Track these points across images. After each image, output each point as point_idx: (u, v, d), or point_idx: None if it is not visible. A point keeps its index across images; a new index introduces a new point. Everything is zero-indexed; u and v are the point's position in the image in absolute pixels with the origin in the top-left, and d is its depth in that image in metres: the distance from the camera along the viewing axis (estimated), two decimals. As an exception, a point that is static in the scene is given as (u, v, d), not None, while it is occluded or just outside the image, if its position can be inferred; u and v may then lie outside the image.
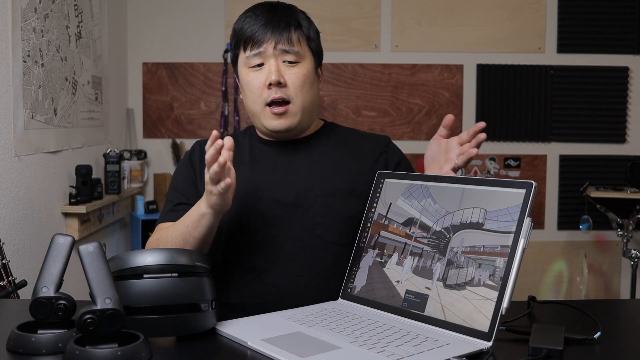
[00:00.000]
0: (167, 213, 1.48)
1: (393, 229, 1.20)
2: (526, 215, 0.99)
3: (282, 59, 1.41)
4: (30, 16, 2.25)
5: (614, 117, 3.63)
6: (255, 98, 1.42)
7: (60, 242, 0.98)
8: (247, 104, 1.45)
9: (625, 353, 1.01)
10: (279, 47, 1.40)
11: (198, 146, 1.54)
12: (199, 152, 1.52)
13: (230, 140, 1.21)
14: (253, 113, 1.45)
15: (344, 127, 1.59)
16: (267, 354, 0.93)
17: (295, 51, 1.41)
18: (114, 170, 2.96)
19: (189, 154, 1.54)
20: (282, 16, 1.43)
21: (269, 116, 1.41)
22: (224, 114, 3.61)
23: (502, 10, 3.61)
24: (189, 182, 1.49)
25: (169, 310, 0.98)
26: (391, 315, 1.11)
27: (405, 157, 1.56)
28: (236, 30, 1.45)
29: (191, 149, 1.55)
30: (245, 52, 1.42)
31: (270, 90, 1.39)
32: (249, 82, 1.42)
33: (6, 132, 2.09)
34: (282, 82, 1.39)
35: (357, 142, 1.53)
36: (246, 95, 1.45)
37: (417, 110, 3.65)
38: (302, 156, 1.47)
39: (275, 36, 1.39)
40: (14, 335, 0.95)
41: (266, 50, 1.40)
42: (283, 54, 1.40)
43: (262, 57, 1.40)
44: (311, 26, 1.47)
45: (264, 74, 1.40)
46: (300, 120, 1.43)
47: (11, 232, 2.12)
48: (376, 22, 3.61)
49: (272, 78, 1.38)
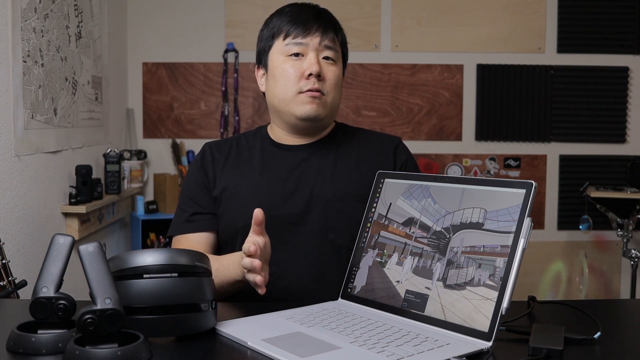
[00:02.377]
0: (182, 224, 1.47)
1: (393, 229, 1.20)
2: (526, 215, 0.99)
3: (323, 55, 1.43)
4: (30, 16, 2.25)
5: (614, 117, 3.63)
6: (290, 85, 1.42)
7: (60, 242, 0.98)
8: (277, 91, 1.44)
9: (625, 353, 1.01)
10: (324, 43, 1.42)
11: (208, 148, 1.53)
12: (210, 155, 1.51)
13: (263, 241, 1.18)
14: (282, 100, 1.44)
15: (355, 128, 1.59)
16: (267, 354, 0.93)
17: (336, 50, 1.45)
18: (114, 170, 2.96)
19: (199, 159, 1.53)
20: (326, 17, 1.47)
21: (303, 100, 1.41)
22: (224, 114, 3.61)
23: (502, 10, 3.61)
24: (202, 189, 1.49)
25: (169, 310, 0.98)
26: (391, 315, 1.11)
27: (412, 159, 1.56)
28: (275, 22, 1.46)
29: (201, 153, 1.54)
30: (285, 40, 1.43)
31: (308, 80, 1.40)
32: (285, 69, 1.42)
33: (6, 132, 2.09)
34: (321, 76, 1.41)
35: (368, 143, 1.53)
36: (277, 83, 1.44)
37: (417, 110, 3.65)
38: (314, 161, 1.47)
39: (321, 32, 1.42)
40: (14, 335, 0.95)
41: (310, 42, 1.42)
42: (325, 50, 1.43)
43: (304, 47, 1.42)
44: (344, 34, 1.52)
45: (304, 63, 1.41)
46: (327, 115, 1.46)
47: (11, 232, 2.12)
48: (376, 22, 3.61)
49: (314, 69, 1.40)
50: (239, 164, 1.49)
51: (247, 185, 1.45)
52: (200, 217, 1.44)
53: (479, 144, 3.65)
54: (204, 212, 1.46)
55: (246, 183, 1.45)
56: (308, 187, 1.43)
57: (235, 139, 1.55)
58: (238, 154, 1.51)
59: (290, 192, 1.43)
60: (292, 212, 1.40)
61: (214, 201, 1.48)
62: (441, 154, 3.65)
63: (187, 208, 1.48)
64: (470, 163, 3.66)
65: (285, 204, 1.41)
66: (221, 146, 1.53)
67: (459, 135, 3.65)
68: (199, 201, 1.47)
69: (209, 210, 1.47)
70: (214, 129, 3.63)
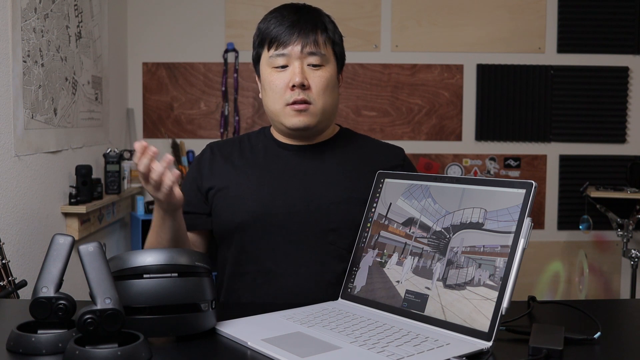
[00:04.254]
0: None
1: (393, 229, 1.20)
2: (526, 215, 0.99)
3: (307, 61, 1.41)
4: (30, 16, 2.25)
5: (614, 117, 3.62)
6: (277, 98, 1.41)
7: (60, 242, 0.98)
8: (267, 103, 1.45)
9: (625, 353, 1.01)
10: (306, 50, 1.40)
11: (209, 148, 1.54)
12: (209, 154, 1.52)
13: (153, 148, 1.21)
14: (273, 112, 1.44)
15: (360, 135, 1.59)
16: (267, 354, 0.93)
17: (321, 54, 1.42)
18: (114, 170, 2.96)
19: (199, 158, 1.54)
20: (309, 18, 1.43)
21: (289, 114, 1.41)
22: (224, 114, 3.61)
23: (502, 10, 3.61)
24: (194, 188, 1.49)
25: (169, 310, 0.98)
26: (391, 315, 1.11)
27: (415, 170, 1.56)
28: (261, 30, 1.45)
29: (202, 151, 1.55)
30: (269, 52, 1.42)
31: (293, 91, 1.39)
32: (272, 82, 1.42)
33: (6, 132, 2.09)
34: (305, 85, 1.39)
35: (373, 151, 1.53)
36: (267, 95, 1.45)
37: (417, 110, 3.65)
38: (317, 162, 1.47)
39: (302, 38, 1.40)
40: (14, 335, 0.95)
41: (292, 52, 1.40)
42: (309, 56, 1.40)
43: (287, 58, 1.40)
44: (336, 30, 1.48)
45: (288, 75, 1.40)
46: (319, 122, 1.44)
47: (11, 232, 2.12)
48: (376, 22, 3.61)
49: (296, 80, 1.38)
50: (241, 163, 1.49)
51: (247, 183, 1.45)
52: (188, 216, 1.45)
53: (479, 144, 3.65)
54: (192, 211, 1.47)
55: (247, 181, 1.45)
56: (309, 188, 1.43)
57: (239, 139, 1.56)
58: (241, 153, 1.51)
59: (292, 191, 1.43)
60: (293, 210, 1.40)
61: (205, 201, 1.48)
62: (441, 154, 3.65)
63: None
64: (470, 163, 3.66)
65: (285, 202, 1.41)
66: (224, 146, 1.54)
67: (459, 135, 3.65)
68: (188, 200, 1.47)
69: (198, 210, 1.48)
70: (214, 129, 3.63)
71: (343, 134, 1.55)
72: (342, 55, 1.50)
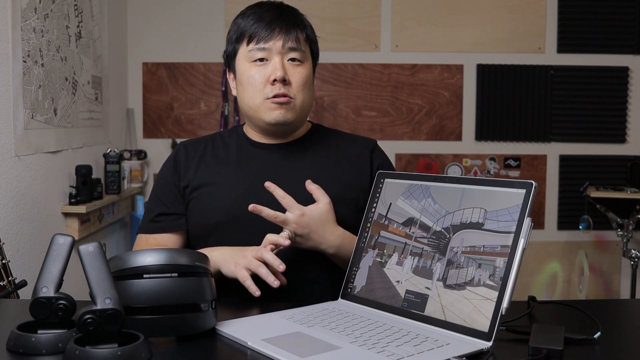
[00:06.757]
0: (148, 224, 1.48)
1: (393, 229, 1.20)
2: (526, 215, 0.99)
3: (288, 57, 1.40)
4: (30, 16, 2.25)
5: (614, 117, 3.63)
6: (256, 92, 1.40)
7: (60, 242, 0.98)
8: (244, 98, 1.44)
9: (625, 353, 1.01)
10: (287, 45, 1.39)
11: (183, 147, 1.52)
12: (183, 153, 1.50)
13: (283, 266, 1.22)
14: (251, 107, 1.43)
15: (330, 129, 1.58)
16: (267, 354, 0.93)
17: (302, 50, 1.42)
18: (114, 170, 2.96)
19: (172, 157, 1.52)
20: (289, 15, 1.43)
21: (270, 107, 1.40)
22: (224, 114, 3.61)
23: (502, 10, 3.61)
24: (171, 188, 1.48)
25: (169, 310, 0.98)
26: (391, 315, 1.11)
27: (388, 161, 1.55)
28: (240, 25, 1.44)
29: (175, 152, 1.53)
30: (248, 46, 1.41)
31: (273, 86, 1.39)
32: (251, 76, 1.41)
33: (6, 132, 2.09)
34: (286, 80, 1.39)
35: (344, 145, 1.52)
36: (244, 90, 1.43)
37: (417, 110, 3.65)
38: (292, 160, 1.46)
39: (283, 34, 1.39)
40: (14, 335, 0.95)
41: (273, 46, 1.39)
42: (289, 52, 1.40)
43: (267, 52, 1.40)
44: (313, 30, 1.49)
45: (268, 69, 1.39)
46: (297, 118, 1.43)
47: (11, 232, 2.12)
48: (376, 22, 3.61)
49: (278, 74, 1.37)
50: (213, 162, 1.48)
51: (222, 182, 1.44)
52: (165, 218, 1.44)
53: (479, 144, 3.65)
54: (169, 212, 1.46)
55: (221, 180, 1.44)
56: (286, 186, 1.37)
57: (211, 137, 1.55)
58: (213, 151, 1.50)
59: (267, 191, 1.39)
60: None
61: (182, 201, 1.47)
62: (441, 154, 3.65)
63: (154, 207, 1.48)
64: (470, 163, 3.66)
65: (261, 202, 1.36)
66: (196, 144, 1.52)
67: (458, 135, 3.65)
68: (165, 201, 1.47)
69: (175, 210, 1.47)
70: (214, 129, 3.62)
71: (316, 130, 1.55)
72: (317, 56, 1.51)
